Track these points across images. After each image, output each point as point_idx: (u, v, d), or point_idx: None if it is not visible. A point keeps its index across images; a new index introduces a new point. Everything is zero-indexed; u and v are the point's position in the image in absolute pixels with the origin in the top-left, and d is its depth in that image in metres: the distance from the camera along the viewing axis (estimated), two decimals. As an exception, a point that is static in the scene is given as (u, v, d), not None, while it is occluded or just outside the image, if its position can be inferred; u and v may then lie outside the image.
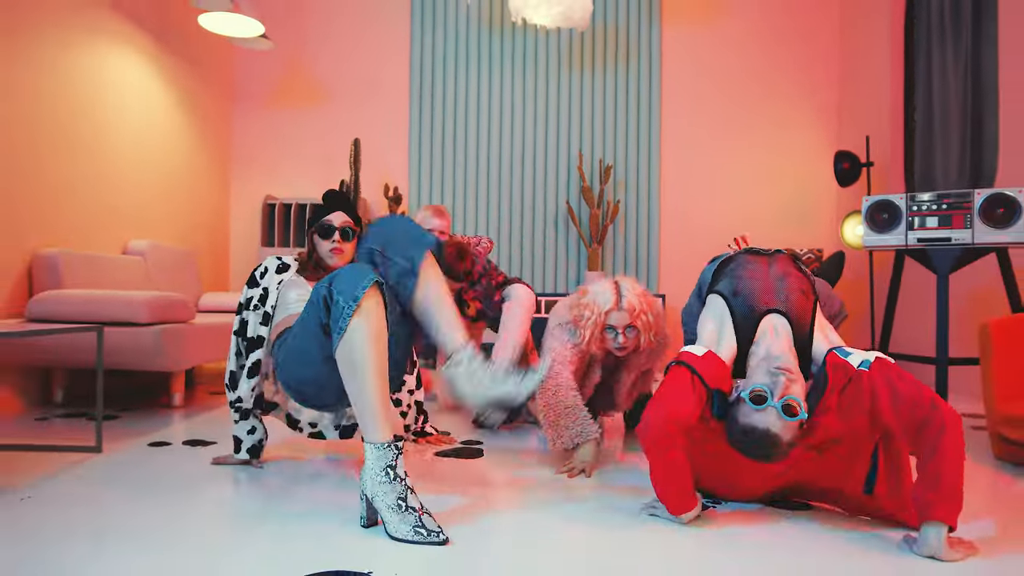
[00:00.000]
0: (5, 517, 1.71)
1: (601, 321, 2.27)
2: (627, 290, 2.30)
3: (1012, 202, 2.74)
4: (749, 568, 1.45)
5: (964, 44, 4.19)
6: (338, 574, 1.39)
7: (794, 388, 1.63)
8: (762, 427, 1.59)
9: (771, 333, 1.78)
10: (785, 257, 1.98)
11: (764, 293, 1.84)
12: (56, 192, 3.46)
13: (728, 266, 2.00)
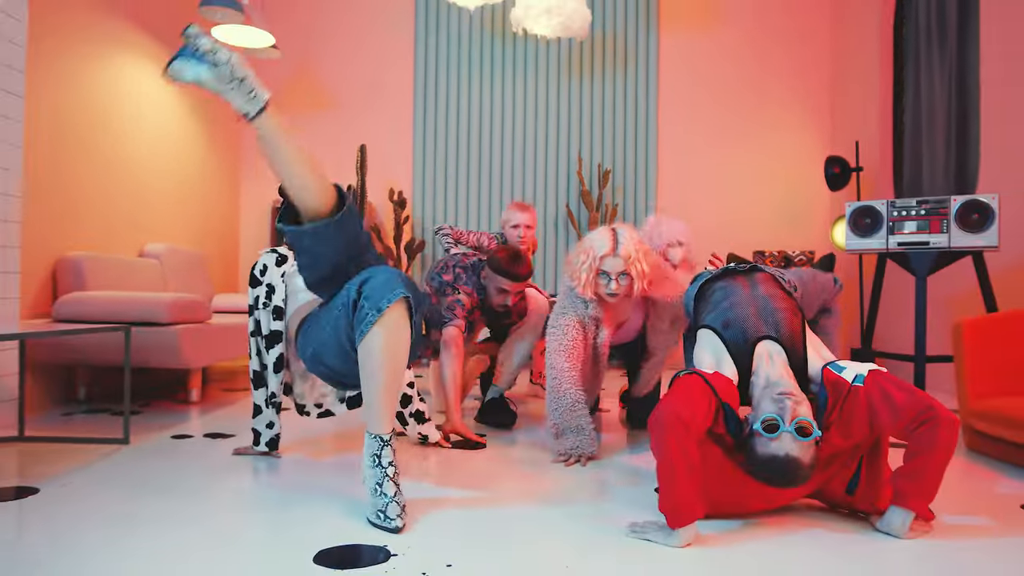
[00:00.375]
0: (49, 501, 1.88)
1: (596, 266, 2.32)
2: (624, 237, 2.34)
3: (986, 208, 2.90)
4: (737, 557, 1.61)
5: (950, 53, 4.34)
6: (353, 547, 1.56)
7: (801, 409, 1.63)
8: (782, 455, 1.59)
9: (767, 360, 1.80)
10: (766, 276, 2.03)
11: (753, 320, 1.88)
12: (77, 199, 3.62)
13: (711, 294, 2.05)
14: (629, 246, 2.31)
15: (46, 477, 2.10)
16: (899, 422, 1.61)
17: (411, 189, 5.56)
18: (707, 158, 5.55)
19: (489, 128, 5.55)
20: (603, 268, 2.32)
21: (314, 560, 1.47)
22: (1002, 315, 2.74)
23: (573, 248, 2.46)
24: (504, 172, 5.55)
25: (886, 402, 1.63)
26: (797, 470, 1.58)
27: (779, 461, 1.58)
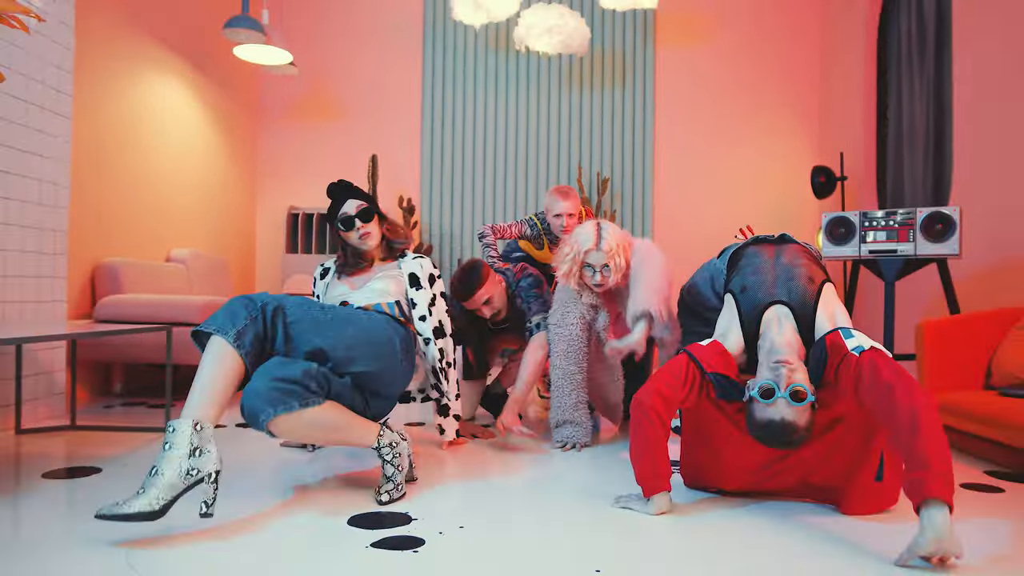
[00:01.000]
0: (115, 478, 2.17)
1: (580, 259, 2.47)
2: (607, 232, 2.48)
3: (948, 219, 3.17)
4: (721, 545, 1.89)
5: (928, 72, 4.61)
6: (378, 513, 1.84)
7: (796, 376, 1.73)
8: (777, 418, 1.69)
9: (775, 324, 1.87)
10: (794, 247, 2.07)
11: (768, 286, 1.94)
12: (111, 208, 3.91)
13: (738, 260, 2.11)
14: (611, 240, 2.45)
15: (104, 458, 2.39)
16: (874, 392, 1.61)
17: (419, 196, 5.84)
18: (701, 167, 5.82)
19: (493, 138, 5.84)
20: (587, 261, 2.47)
21: (348, 523, 1.76)
22: (959, 317, 3.01)
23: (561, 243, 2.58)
24: (507, 180, 5.83)
25: (871, 371, 1.64)
26: (792, 433, 1.69)
27: (775, 425, 1.69)
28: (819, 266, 2.02)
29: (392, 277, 2.31)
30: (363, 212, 2.28)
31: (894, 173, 5.00)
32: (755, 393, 1.74)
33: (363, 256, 2.34)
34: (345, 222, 2.28)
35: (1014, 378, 2.71)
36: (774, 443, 1.73)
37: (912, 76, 4.77)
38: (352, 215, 2.27)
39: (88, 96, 3.67)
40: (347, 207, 2.29)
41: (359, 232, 2.28)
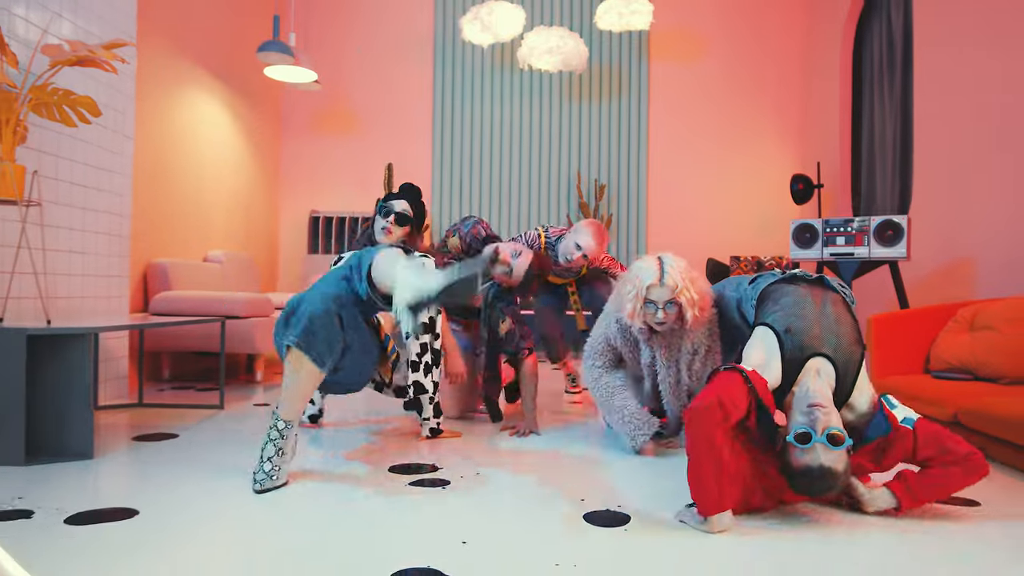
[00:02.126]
0: (177, 448, 2.65)
1: (642, 295, 2.27)
2: (670, 266, 2.28)
3: (897, 226, 3.63)
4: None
5: (896, 88, 5.06)
6: (409, 464, 2.31)
7: (832, 419, 1.69)
8: (816, 464, 1.64)
9: (814, 375, 1.81)
10: (837, 298, 2.01)
11: (816, 337, 1.87)
12: (158, 213, 4.39)
13: (779, 296, 2.01)
14: (675, 275, 2.26)
15: (175, 427, 2.87)
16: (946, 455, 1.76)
17: (430, 201, 6.31)
18: (691, 174, 6.29)
19: (499, 149, 6.31)
20: (649, 297, 2.27)
21: (388, 470, 2.23)
22: (904, 312, 3.47)
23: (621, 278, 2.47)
24: (512, 186, 6.30)
25: (937, 444, 1.76)
26: (833, 478, 1.65)
27: (815, 471, 1.65)
28: (857, 326, 1.98)
29: None
30: (402, 216, 2.52)
31: (867, 182, 5.45)
32: (791, 438, 1.68)
33: (373, 244, 2.52)
34: (384, 212, 2.53)
35: (945, 363, 3.17)
36: (814, 490, 1.69)
37: (882, 93, 5.23)
38: (394, 210, 2.52)
39: (145, 117, 4.14)
40: (396, 203, 2.54)
41: (384, 224, 2.51)
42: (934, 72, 4.31)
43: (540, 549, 1.57)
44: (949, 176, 4.10)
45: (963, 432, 2.70)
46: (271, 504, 1.87)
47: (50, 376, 2.32)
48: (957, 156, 4.03)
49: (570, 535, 1.67)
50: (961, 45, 4.01)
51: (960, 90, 4.01)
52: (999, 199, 3.65)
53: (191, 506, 1.84)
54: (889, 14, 5.14)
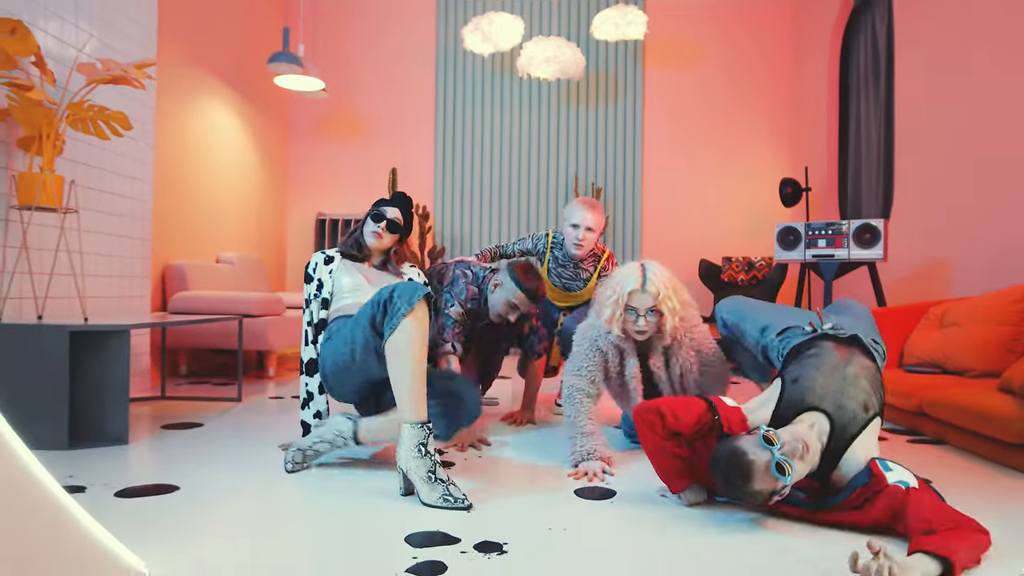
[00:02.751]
0: (203, 435, 2.87)
1: (623, 302, 2.22)
2: (653, 273, 2.24)
3: (875, 229, 3.85)
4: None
5: (880, 96, 5.28)
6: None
7: (799, 463, 1.64)
8: (750, 458, 1.60)
9: (806, 426, 1.75)
10: (865, 361, 1.91)
11: (819, 392, 1.81)
12: (174, 217, 4.61)
13: (807, 351, 1.94)
14: (658, 282, 2.22)
15: (199, 417, 3.09)
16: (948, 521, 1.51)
17: (433, 204, 6.53)
18: (685, 178, 6.50)
19: (499, 153, 6.53)
20: (630, 304, 2.22)
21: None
22: (879, 310, 3.69)
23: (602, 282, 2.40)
24: (511, 189, 6.52)
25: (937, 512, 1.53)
26: (742, 478, 1.60)
27: (743, 459, 1.60)
28: (878, 392, 1.87)
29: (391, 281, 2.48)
30: (392, 223, 2.49)
31: (853, 185, 5.67)
32: (763, 430, 1.65)
33: (360, 248, 2.52)
34: (376, 216, 2.49)
35: (917, 358, 3.39)
36: (722, 469, 1.65)
37: (868, 100, 5.45)
38: (386, 216, 2.49)
39: (162, 125, 4.37)
40: (387, 209, 2.51)
41: (375, 228, 2.47)
42: (913, 80, 4.53)
43: (535, 517, 1.80)
44: (927, 181, 4.32)
45: (927, 421, 2.93)
46: (294, 481, 2.10)
47: (90, 369, 2.55)
48: (934, 162, 4.25)
49: (561, 506, 1.89)
50: (938, 55, 4.22)
51: (937, 98, 4.23)
52: (973, 203, 3.87)
53: (223, 483, 2.06)
54: (874, 24, 5.35)
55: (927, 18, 4.38)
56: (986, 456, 2.55)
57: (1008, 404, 2.42)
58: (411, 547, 1.57)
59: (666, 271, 2.29)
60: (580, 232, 3.04)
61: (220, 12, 5.22)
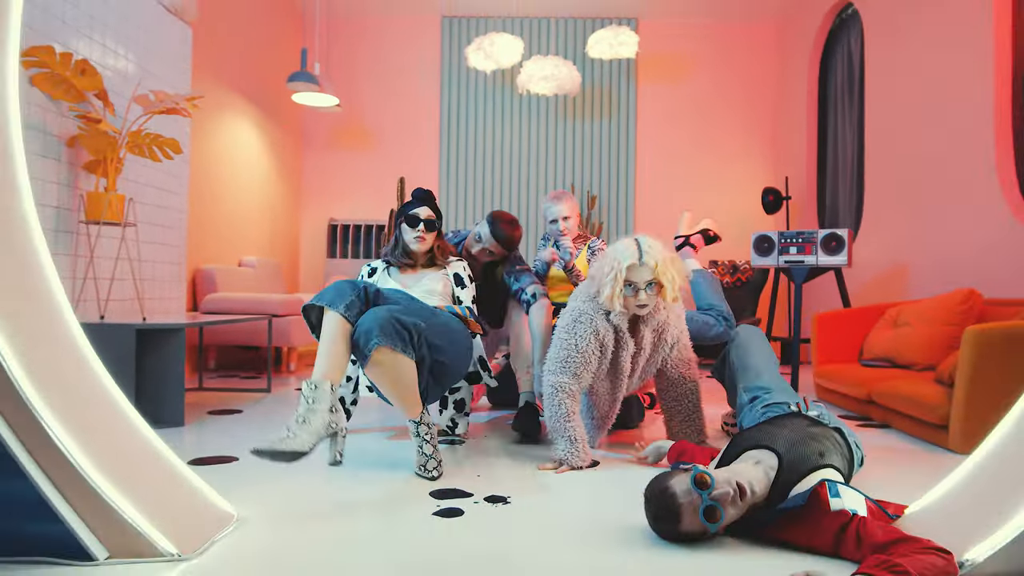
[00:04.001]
0: (244, 419, 3.28)
1: (622, 277, 2.18)
2: (648, 245, 2.22)
3: (840, 238, 4.26)
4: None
5: (855, 111, 5.69)
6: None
7: (731, 508, 1.57)
8: (679, 500, 1.56)
9: (751, 462, 1.71)
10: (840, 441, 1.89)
11: (774, 435, 1.80)
12: (203, 223, 5.02)
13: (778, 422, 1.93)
14: (655, 253, 2.20)
15: (237, 405, 3.50)
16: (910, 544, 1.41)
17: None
18: (675, 186, 6.92)
19: (500, 164, 6.94)
20: (629, 278, 2.19)
21: (416, 434, 2.86)
22: (843, 311, 4.11)
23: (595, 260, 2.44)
24: (511, 197, 6.94)
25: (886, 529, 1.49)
26: (675, 521, 1.57)
27: (672, 500, 1.58)
28: (843, 456, 1.84)
29: (440, 279, 2.64)
30: (429, 222, 2.58)
31: (830, 195, 6.09)
32: (697, 469, 1.59)
33: (410, 255, 2.60)
34: (411, 220, 2.56)
35: (873, 354, 3.80)
36: (652, 508, 1.64)
37: (844, 116, 5.87)
38: (421, 218, 2.56)
39: (194, 141, 4.78)
40: (420, 210, 2.57)
41: (416, 233, 2.55)
42: (880, 100, 4.95)
43: (530, 479, 2.21)
44: (890, 192, 4.74)
45: (875, 408, 3.35)
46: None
47: (150, 362, 2.96)
48: (897, 175, 4.67)
49: (550, 474, 2.31)
50: (901, 78, 4.64)
51: (900, 117, 4.65)
52: (930, 213, 4.29)
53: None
54: (850, 44, 5.77)
55: (891, 44, 4.80)
56: (920, 437, 2.97)
57: (938, 392, 2.84)
58: (435, 499, 1.99)
59: (659, 242, 2.28)
60: (559, 224, 3.27)
61: (243, 34, 5.64)
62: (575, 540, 1.69)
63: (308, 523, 1.79)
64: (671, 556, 1.57)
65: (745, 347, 2.55)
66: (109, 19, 3.48)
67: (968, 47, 3.94)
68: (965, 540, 1.53)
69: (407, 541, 1.67)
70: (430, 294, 2.57)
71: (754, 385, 2.35)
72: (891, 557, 1.37)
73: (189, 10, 4.20)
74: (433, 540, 1.68)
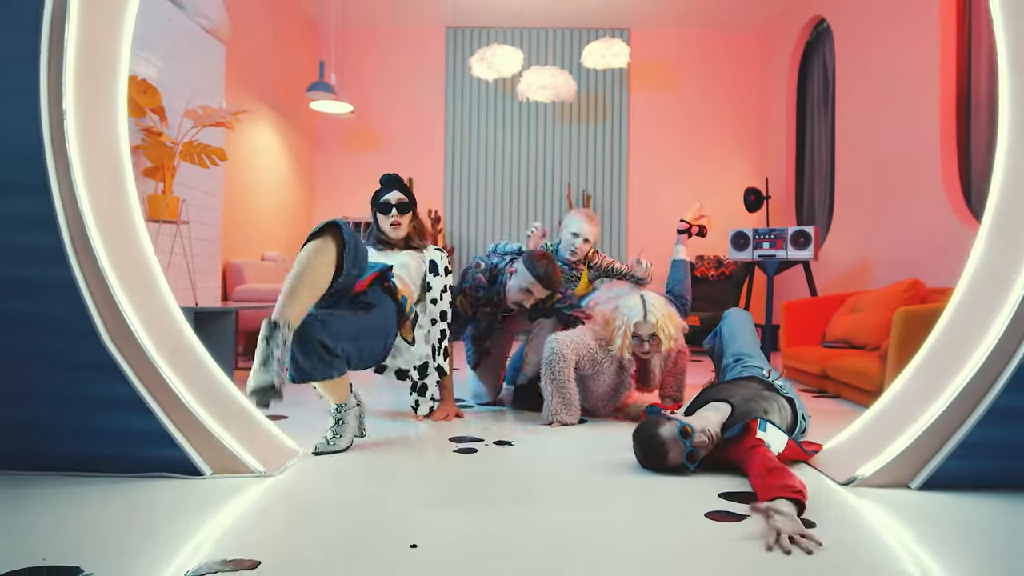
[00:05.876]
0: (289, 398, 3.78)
1: (631, 331, 2.70)
2: (651, 305, 2.73)
3: (808, 234, 4.76)
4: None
5: (829, 116, 6.17)
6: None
7: (703, 452, 2.02)
8: (667, 448, 1.99)
9: (713, 412, 2.14)
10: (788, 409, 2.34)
11: (729, 391, 2.30)
12: (232, 220, 5.51)
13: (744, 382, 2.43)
14: (656, 312, 2.71)
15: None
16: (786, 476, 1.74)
17: (443, 209, 7.44)
18: (664, 186, 7.42)
19: (501, 165, 7.44)
20: (636, 332, 2.70)
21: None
22: (809, 300, 4.61)
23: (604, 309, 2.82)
24: (512, 196, 7.43)
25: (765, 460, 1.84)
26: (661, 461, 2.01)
27: (660, 442, 2.00)
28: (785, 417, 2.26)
29: (415, 257, 2.69)
30: (401, 204, 2.54)
31: (808, 194, 6.58)
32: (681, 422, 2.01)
33: (389, 241, 2.63)
34: (383, 207, 2.54)
35: (834, 337, 4.30)
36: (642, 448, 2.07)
37: (820, 121, 6.36)
38: (392, 204, 2.53)
39: (228, 147, 5.26)
40: (390, 196, 2.54)
41: (391, 219, 2.55)
42: (848, 108, 5.44)
43: (530, 430, 2.71)
44: (856, 192, 5.24)
45: (829, 382, 3.84)
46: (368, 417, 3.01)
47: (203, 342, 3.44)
48: (862, 176, 5.16)
49: (546, 429, 2.81)
50: (866, 87, 5.13)
51: (864, 124, 5.14)
52: (888, 211, 4.78)
53: (314, 413, 2.98)
54: (825, 55, 6.25)
55: (857, 58, 5.29)
56: (861, 403, 3.46)
57: (876, 365, 3.34)
58: (453, 443, 2.49)
59: (661, 299, 2.79)
60: (579, 241, 3.34)
61: (266, 48, 6.12)
62: (571, 467, 2.19)
63: (355, 457, 2.28)
64: (648, 475, 2.07)
65: (736, 324, 3.09)
66: (158, 40, 3.96)
67: (920, 67, 4.43)
68: (857, 463, 2.04)
69: (435, 467, 2.18)
70: (404, 267, 2.61)
71: (740, 351, 2.88)
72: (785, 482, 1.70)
73: (223, 29, 4.69)
74: (455, 467, 2.18)
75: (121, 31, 2.08)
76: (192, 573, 1.32)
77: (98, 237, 1.96)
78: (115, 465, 1.97)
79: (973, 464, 1.94)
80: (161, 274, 2.17)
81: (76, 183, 1.93)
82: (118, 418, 1.94)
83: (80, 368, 1.93)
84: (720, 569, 1.41)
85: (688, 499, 1.84)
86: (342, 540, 1.54)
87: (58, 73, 1.93)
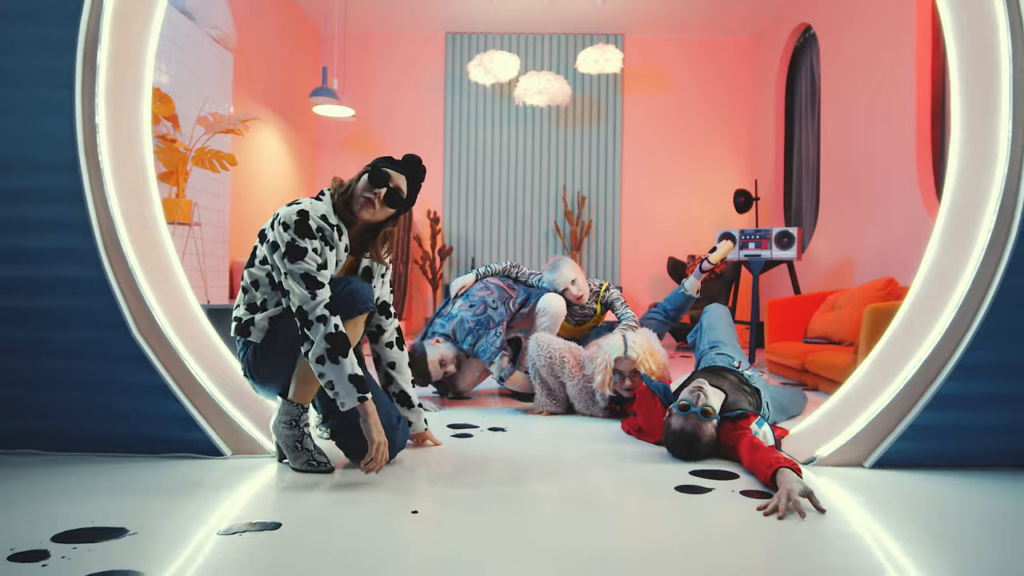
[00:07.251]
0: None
1: (611, 367, 2.74)
2: (632, 341, 2.76)
3: (791, 235, 4.96)
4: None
5: (816, 120, 6.38)
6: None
7: (708, 399, 2.12)
8: (689, 429, 2.10)
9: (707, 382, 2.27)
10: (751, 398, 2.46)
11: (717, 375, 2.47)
12: (236, 221, 5.71)
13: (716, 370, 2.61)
14: (637, 348, 2.73)
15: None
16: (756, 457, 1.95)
17: (442, 210, 7.64)
18: (657, 188, 7.62)
19: (498, 167, 7.64)
20: (617, 368, 2.73)
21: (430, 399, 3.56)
22: (792, 298, 4.81)
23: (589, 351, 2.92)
24: (508, 197, 7.64)
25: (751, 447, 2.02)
26: (697, 442, 2.12)
27: (686, 433, 2.12)
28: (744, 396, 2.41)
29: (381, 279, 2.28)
30: (394, 194, 2.04)
31: (796, 196, 6.79)
32: (675, 407, 2.16)
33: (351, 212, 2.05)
34: (376, 178, 2.02)
35: (815, 333, 4.50)
36: (680, 449, 2.16)
37: (807, 124, 6.56)
38: (389, 185, 2.03)
39: (234, 151, 5.47)
40: (396, 176, 2.06)
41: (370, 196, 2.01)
42: (832, 112, 5.65)
43: (520, 418, 2.91)
44: (840, 195, 5.45)
45: (808, 375, 4.05)
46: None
47: (215, 335, 3.64)
48: (844, 179, 5.37)
49: (531, 419, 3.01)
50: (848, 92, 5.34)
51: (847, 129, 5.35)
52: (868, 213, 4.99)
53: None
54: (811, 60, 6.46)
55: (839, 64, 5.50)
56: (837, 396, 3.67)
57: (848, 359, 3.54)
58: (451, 429, 2.69)
59: (642, 336, 2.80)
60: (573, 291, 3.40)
61: (269, 55, 6.32)
62: (564, 440, 2.40)
63: (361, 441, 2.48)
64: (625, 455, 2.27)
65: (713, 316, 3.29)
66: (171, 50, 4.16)
67: (897, 74, 4.63)
68: (816, 445, 2.25)
69: (436, 448, 2.38)
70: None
71: (715, 339, 3.09)
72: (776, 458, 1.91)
73: (231, 38, 4.89)
74: (455, 447, 2.39)
75: (146, 50, 2.28)
76: (223, 532, 1.52)
77: (128, 240, 2.16)
78: (144, 446, 2.18)
79: (920, 445, 2.15)
80: (182, 273, 2.37)
81: (108, 191, 2.14)
82: (147, 404, 2.15)
83: (112, 358, 2.13)
84: (688, 524, 1.62)
85: (664, 475, 2.05)
86: (351, 503, 1.74)
87: (91, 91, 2.13)
